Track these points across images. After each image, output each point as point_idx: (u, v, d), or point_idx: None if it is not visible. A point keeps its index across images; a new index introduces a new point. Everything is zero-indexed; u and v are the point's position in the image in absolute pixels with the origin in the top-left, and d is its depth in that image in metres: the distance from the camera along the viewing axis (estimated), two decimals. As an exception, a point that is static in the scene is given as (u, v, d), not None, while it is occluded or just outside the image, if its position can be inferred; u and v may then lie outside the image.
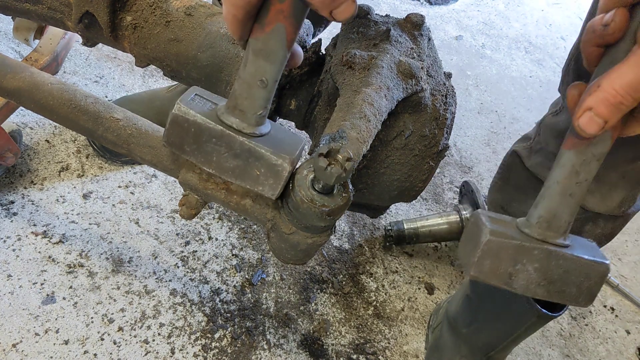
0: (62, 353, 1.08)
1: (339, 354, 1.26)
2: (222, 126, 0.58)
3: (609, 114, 0.49)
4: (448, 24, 2.59)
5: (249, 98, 0.57)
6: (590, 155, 0.53)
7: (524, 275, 0.57)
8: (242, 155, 0.59)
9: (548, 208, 0.57)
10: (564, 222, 0.57)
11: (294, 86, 0.89)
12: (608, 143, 0.53)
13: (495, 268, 0.57)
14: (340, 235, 1.49)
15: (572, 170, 0.54)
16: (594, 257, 0.57)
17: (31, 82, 0.73)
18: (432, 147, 0.85)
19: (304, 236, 0.65)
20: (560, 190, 0.56)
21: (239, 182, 0.61)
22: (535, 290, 0.58)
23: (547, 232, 0.57)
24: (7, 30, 1.61)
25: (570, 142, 0.55)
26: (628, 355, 1.49)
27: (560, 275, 0.57)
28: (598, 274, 0.57)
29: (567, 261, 0.57)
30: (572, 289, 0.58)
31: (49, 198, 1.30)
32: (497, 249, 0.56)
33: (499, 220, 0.60)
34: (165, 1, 0.88)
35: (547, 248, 0.56)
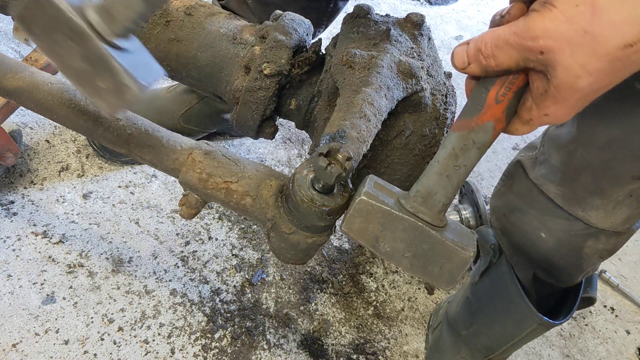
0: (62, 353, 1.08)
1: (339, 354, 1.26)
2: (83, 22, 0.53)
3: (472, 57, 0.51)
4: (448, 24, 2.59)
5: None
6: (471, 141, 0.54)
7: (390, 242, 0.59)
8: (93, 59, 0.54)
9: (425, 184, 0.58)
10: (438, 202, 0.57)
11: (294, 86, 0.89)
12: (490, 134, 0.53)
13: (364, 228, 0.59)
14: (340, 235, 1.49)
15: (452, 153, 0.55)
16: (463, 243, 0.58)
17: (31, 81, 0.73)
18: (432, 147, 0.85)
19: (304, 236, 0.65)
20: (438, 169, 0.57)
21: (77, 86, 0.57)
22: (400, 260, 0.60)
23: (420, 207, 0.58)
24: (7, 30, 1.61)
25: (456, 124, 0.56)
26: (628, 355, 1.49)
27: (424, 252, 0.59)
28: (460, 259, 0.58)
29: (432, 239, 0.58)
30: (434, 268, 0.59)
31: (49, 198, 1.30)
32: (368, 210, 0.57)
33: (382, 186, 0.61)
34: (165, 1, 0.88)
35: (414, 222, 0.57)
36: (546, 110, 0.51)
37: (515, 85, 0.51)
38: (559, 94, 0.48)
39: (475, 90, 0.55)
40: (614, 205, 0.81)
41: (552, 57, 0.46)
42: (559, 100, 0.49)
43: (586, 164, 0.80)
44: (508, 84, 0.51)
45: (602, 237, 0.87)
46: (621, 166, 0.77)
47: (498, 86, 0.52)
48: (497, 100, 0.52)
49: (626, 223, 0.85)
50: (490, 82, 0.53)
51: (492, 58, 0.50)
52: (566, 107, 0.49)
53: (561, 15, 0.45)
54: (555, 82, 0.47)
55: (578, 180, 0.82)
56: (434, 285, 0.60)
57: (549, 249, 0.91)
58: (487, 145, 0.54)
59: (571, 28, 0.44)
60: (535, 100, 0.52)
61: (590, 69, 0.45)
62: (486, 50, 0.50)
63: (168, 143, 0.72)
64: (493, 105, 0.52)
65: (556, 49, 0.45)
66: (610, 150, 0.76)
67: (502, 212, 0.98)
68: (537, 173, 0.89)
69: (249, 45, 0.87)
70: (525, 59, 0.48)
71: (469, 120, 0.54)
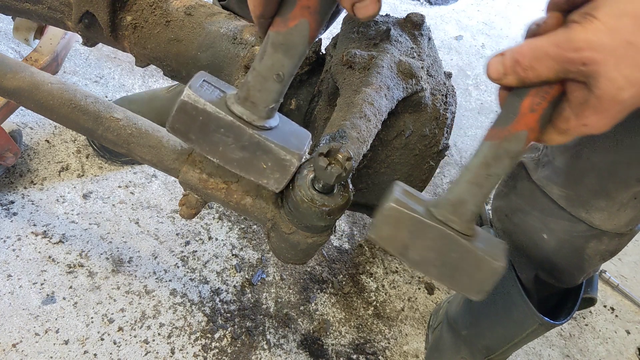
0: (62, 353, 1.08)
1: (339, 354, 1.26)
2: (232, 117, 0.57)
3: (509, 68, 0.51)
4: (448, 24, 2.59)
5: (263, 91, 0.56)
6: (503, 150, 0.53)
7: (419, 250, 0.58)
8: (250, 147, 0.58)
9: (455, 193, 0.57)
10: (468, 210, 0.57)
11: (294, 86, 0.89)
12: (522, 143, 0.53)
13: (393, 236, 0.58)
14: (340, 235, 1.49)
15: (484, 162, 0.54)
16: (493, 253, 0.57)
17: (31, 81, 0.73)
18: (432, 147, 0.85)
19: (304, 236, 0.65)
20: (470, 178, 0.56)
21: (243, 174, 0.60)
22: (428, 268, 0.59)
23: (450, 216, 0.57)
24: (7, 30, 1.61)
25: (488, 134, 0.55)
26: (628, 355, 1.49)
27: (453, 261, 0.58)
28: (490, 270, 0.57)
29: (461, 249, 0.57)
30: (464, 278, 0.58)
31: (49, 198, 1.30)
32: (397, 217, 0.57)
33: (412, 194, 0.60)
34: (165, 1, 0.88)
35: (444, 230, 0.56)
36: (585, 121, 0.50)
37: (551, 95, 0.51)
38: (601, 105, 0.48)
39: (509, 99, 0.54)
40: (619, 207, 0.81)
41: (595, 68, 0.46)
42: (599, 111, 0.49)
43: (591, 166, 0.80)
44: (543, 94, 0.51)
45: (605, 239, 0.87)
46: (627, 168, 0.77)
47: (532, 95, 0.51)
48: (532, 109, 0.52)
49: (629, 225, 0.85)
50: (525, 91, 0.52)
51: (531, 70, 0.49)
52: (607, 118, 0.49)
53: (603, 26, 0.44)
54: (598, 93, 0.47)
55: (582, 182, 0.82)
56: (462, 294, 0.59)
57: (550, 250, 0.91)
58: (520, 154, 0.54)
59: (614, 40, 0.44)
60: (573, 110, 0.51)
61: (634, 81, 0.45)
62: (524, 61, 0.49)
63: (168, 143, 0.72)
64: (527, 114, 0.52)
65: (599, 61, 0.45)
66: (615, 152, 0.76)
67: (504, 212, 0.98)
68: (540, 174, 0.89)
69: (249, 45, 0.87)
70: (565, 71, 0.48)
71: (502, 129, 0.53)
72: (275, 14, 0.54)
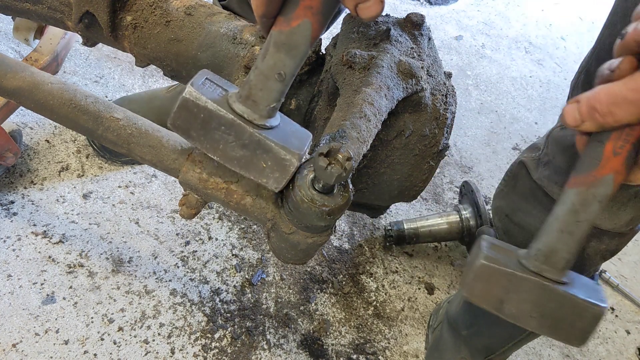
0: (62, 353, 1.08)
1: (339, 354, 1.26)
2: (233, 115, 0.57)
3: (586, 115, 0.51)
4: (448, 24, 2.59)
5: (264, 90, 0.56)
6: (591, 196, 0.53)
7: (515, 304, 0.58)
8: (250, 146, 0.58)
9: (546, 243, 0.57)
10: (561, 259, 0.56)
11: (294, 86, 0.89)
12: (610, 186, 0.53)
13: (487, 292, 0.58)
14: (340, 235, 1.49)
15: (572, 209, 0.54)
16: (591, 298, 0.56)
17: (31, 81, 0.73)
18: (432, 147, 0.85)
19: (304, 236, 0.65)
20: (559, 227, 0.56)
21: (242, 172, 0.60)
22: (527, 321, 0.59)
23: (543, 266, 0.57)
24: (7, 30, 1.61)
25: (573, 181, 0.55)
26: (628, 355, 1.49)
27: (552, 311, 0.57)
28: (592, 315, 0.56)
29: (559, 297, 0.56)
30: (565, 327, 0.58)
31: (49, 198, 1.30)
32: (490, 274, 0.57)
33: (500, 247, 0.60)
34: (165, 1, 0.88)
35: (539, 281, 0.56)
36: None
37: (633, 137, 0.51)
38: None
39: (590, 145, 0.54)
40: (619, 206, 0.81)
41: None
42: None
43: None
44: (625, 136, 0.51)
45: (605, 238, 0.87)
46: None
47: (615, 139, 0.51)
48: (615, 152, 0.52)
49: (630, 224, 0.85)
50: (606, 135, 0.52)
51: (610, 115, 0.50)
52: None
53: None
54: None
55: None
56: (565, 343, 0.59)
57: None
58: (608, 198, 0.54)
59: None
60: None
61: None
62: (602, 108, 0.50)
63: (168, 143, 0.72)
64: (611, 158, 0.52)
65: None
66: None
67: (504, 212, 0.98)
68: (540, 174, 0.89)
69: (249, 45, 0.87)
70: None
71: (587, 175, 0.53)
72: (278, 14, 0.54)
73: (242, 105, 0.58)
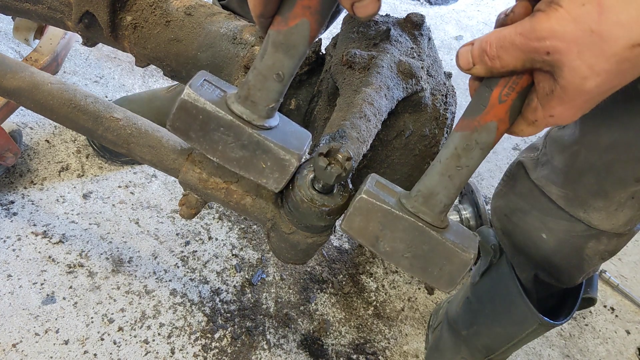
0: (62, 353, 1.08)
1: (339, 354, 1.26)
2: (232, 116, 0.57)
3: (477, 58, 0.51)
4: (448, 24, 2.59)
5: (263, 90, 0.56)
6: (474, 141, 0.53)
7: (389, 242, 0.58)
8: (250, 146, 0.58)
9: (427, 185, 0.57)
10: (440, 202, 0.57)
11: (294, 86, 0.89)
12: (493, 134, 0.53)
13: (364, 227, 0.58)
14: (340, 235, 1.49)
15: (454, 153, 0.54)
16: (464, 245, 0.57)
17: (31, 81, 0.73)
18: (432, 147, 0.85)
19: (304, 236, 0.65)
20: (440, 169, 0.56)
21: (242, 173, 0.60)
22: (399, 260, 0.59)
23: (422, 207, 0.57)
24: (7, 30, 1.61)
25: (459, 124, 0.55)
26: (628, 355, 1.49)
27: (424, 253, 0.58)
28: (461, 261, 0.57)
29: (432, 240, 0.57)
30: (434, 270, 0.59)
31: (49, 198, 1.30)
32: (368, 209, 0.57)
33: (384, 185, 0.60)
34: (165, 1, 0.88)
35: (414, 222, 0.57)
36: (552, 112, 0.50)
37: (519, 85, 0.51)
38: (566, 95, 0.47)
39: (479, 90, 0.54)
40: (617, 207, 0.81)
41: (559, 57, 0.45)
42: (565, 102, 0.48)
43: (589, 165, 0.80)
44: (512, 84, 0.51)
45: (604, 239, 0.87)
46: (624, 168, 0.77)
47: (501, 86, 0.51)
48: (501, 100, 0.51)
49: (628, 225, 0.84)
50: (494, 82, 0.52)
51: (498, 59, 0.49)
52: (573, 108, 0.49)
53: (567, 15, 0.44)
54: (562, 83, 0.46)
55: (581, 182, 0.82)
56: (433, 286, 0.60)
57: (550, 250, 0.90)
58: (490, 146, 0.53)
59: (578, 28, 0.43)
60: (540, 101, 0.51)
61: (598, 70, 0.44)
62: (491, 51, 0.49)
63: (168, 143, 0.72)
64: (496, 105, 0.51)
65: (563, 50, 0.44)
66: (613, 152, 0.76)
67: (503, 212, 0.98)
68: (538, 174, 0.89)
69: (249, 45, 0.87)
70: (531, 60, 0.47)
71: (472, 120, 0.53)
72: (276, 13, 0.53)
73: (241, 106, 0.57)
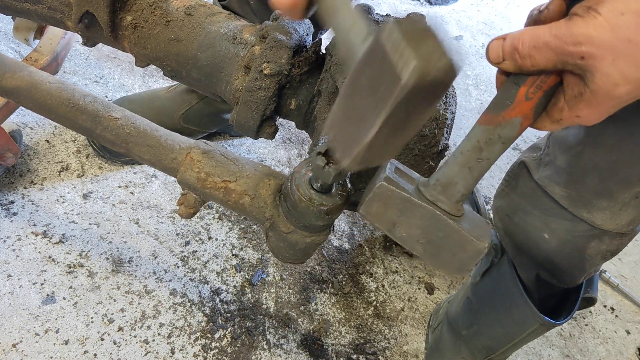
0: (62, 353, 1.08)
1: (339, 354, 1.26)
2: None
3: (507, 54, 0.51)
4: (448, 24, 2.59)
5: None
6: (497, 135, 0.54)
7: (406, 228, 0.60)
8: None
9: (446, 174, 0.58)
10: (458, 192, 0.58)
11: (294, 86, 0.89)
12: (516, 129, 0.54)
13: (382, 213, 0.59)
14: (340, 235, 1.49)
15: (476, 145, 0.56)
16: (478, 234, 0.59)
17: (29, 81, 0.73)
18: (432, 147, 0.85)
19: (302, 235, 0.65)
20: (461, 160, 0.57)
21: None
22: (414, 245, 0.61)
23: (439, 196, 0.59)
24: (7, 30, 1.61)
25: (482, 118, 0.56)
26: (628, 355, 1.49)
27: (439, 239, 0.59)
28: (474, 249, 0.59)
29: (447, 228, 0.59)
30: (447, 256, 0.60)
31: (49, 198, 1.30)
32: (387, 196, 0.58)
33: (403, 172, 0.62)
34: (165, 1, 0.88)
35: (432, 210, 0.58)
36: (579, 113, 0.51)
37: (547, 84, 0.52)
38: (595, 99, 0.49)
39: (505, 85, 0.55)
40: (620, 206, 0.81)
41: (592, 63, 0.46)
42: (593, 105, 0.49)
43: (593, 165, 0.80)
44: (540, 82, 0.52)
45: (606, 239, 0.86)
46: (629, 168, 0.77)
47: (529, 84, 0.52)
48: (527, 97, 0.52)
49: (631, 224, 0.84)
50: (522, 78, 0.53)
51: (529, 58, 0.50)
52: (599, 111, 0.50)
53: (606, 23, 0.45)
54: (593, 88, 0.48)
55: (584, 181, 0.82)
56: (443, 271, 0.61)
57: (551, 250, 0.90)
58: (511, 140, 0.55)
59: (615, 36, 0.45)
60: (568, 102, 0.52)
61: (630, 78, 0.46)
62: (523, 49, 0.50)
63: (166, 142, 0.72)
64: (522, 102, 0.53)
65: (597, 56, 0.46)
66: (618, 151, 0.76)
67: (505, 212, 0.97)
68: (541, 174, 0.89)
69: (249, 45, 0.87)
70: (563, 62, 0.48)
71: (497, 115, 0.54)
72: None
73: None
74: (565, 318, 1.00)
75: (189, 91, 1.43)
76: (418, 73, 0.38)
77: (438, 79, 0.38)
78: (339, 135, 0.48)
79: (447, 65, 0.38)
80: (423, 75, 0.38)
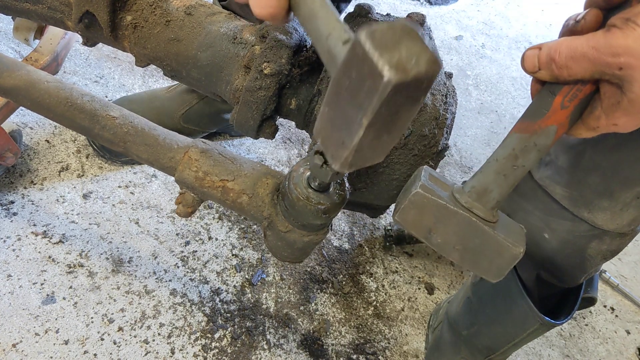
0: (62, 353, 1.08)
1: (339, 354, 1.26)
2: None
3: (544, 63, 0.52)
4: (448, 24, 2.59)
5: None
6: (532, 143, 0.55)
7: (442, 235, 0.60)
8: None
9: (481, 181, 0.59)
10: (493, 199, 0.59)
11: (294, 85, 0.89)
12: (551, 137, 0.55)
13: (418, 220, 0.60)
14: (340, 235, 1.49)
15: (511, 153, 0.57)
16: (514, 240, 0.59)
17: (28, 80, 0.73)
18: (431, 147, 0.85)
19: (300, 234, 0.65)
20: (496, 168, 0.58)
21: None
22: (450, 252, 0.61)
23: (475, 203, 0.59)
24: (7, 30, 1.62)
25: (518, 126, 0.57)
26: (628, 355, 1.48)
27: (475, 246, 0.60)
28: (510, 255, 0.59)
29: (484, 234, 0.59)
30: (484, 262, 0.61)
31: (49, 198, 1.30)
32: (423, 203, 0.59)
33: (437, 179, 0.62)
34: (165, 1, 0.88)
35: (468, 216, 0.59)
36: (616, 121, 0.53)
37: (583, 93, 0.53)
38: (633, 107, 0.50)
39: (541, 93, 0.56)
40: (622, 206, 0.81)
41: (631, 73, 0.47)
42: (631, 113, 0.51)
43: (595, 165, 0.80)
44: (575, 91, 0.53)
45: (607, 239, 0.87)
46: (631, 168, 0.77)
47: (565, 92, 0.53)
48: (563, 106, 0.53)
49: (632, 224, 0.84)
50: (558, 87, 0.54)
51: (566, 69, 0.51)
52: (637, 119, 0.52)
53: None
54: (631, 97, 0.49)
55: (586, 181, 0.82)
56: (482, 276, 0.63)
57: (552, 250, 0.90)
58: (547, 148, 0.56)
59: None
60: (605, 111, 0.53)
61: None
62: (560, 59, 0.51)
63: (164, 141, 0.72)
64: (558, 111, 0.54)
65: (636, 67, 0.47)
66: (619, 151, 0.76)
67: (505, 212, 0.97)
68: (542, 174, 0.89)
69: (249, 44, 0.87)
70: (600, 72, 0.50)
71: (533, 123, 0.55)
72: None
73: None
74: (565, 318, 1.00)
75: (189, 91, 1.44)
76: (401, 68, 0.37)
77: (421, 74, 0.38)
78: (327, 140, 0.47)
79: (430, 59, 0.38)
80: (406, 71, 0.37)
